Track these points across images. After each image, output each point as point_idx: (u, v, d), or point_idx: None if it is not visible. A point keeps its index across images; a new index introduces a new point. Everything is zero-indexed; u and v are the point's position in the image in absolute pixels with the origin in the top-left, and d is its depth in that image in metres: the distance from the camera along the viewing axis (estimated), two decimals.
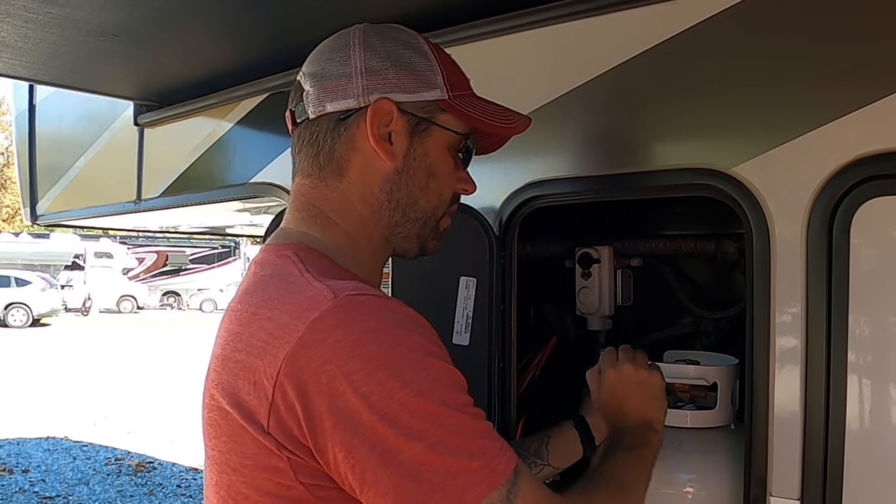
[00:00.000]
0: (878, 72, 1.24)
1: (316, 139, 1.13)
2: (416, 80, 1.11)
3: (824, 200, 1.28)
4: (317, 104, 1.12)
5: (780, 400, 1.32)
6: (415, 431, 0.89)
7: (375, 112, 1.09)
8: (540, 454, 1.49)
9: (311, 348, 0.91)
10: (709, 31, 1.39)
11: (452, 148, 1.16)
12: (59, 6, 1.82)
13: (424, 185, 1.14)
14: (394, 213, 1.13)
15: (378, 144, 1.09)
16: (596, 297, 1.89)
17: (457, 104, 1.14)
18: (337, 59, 1.12)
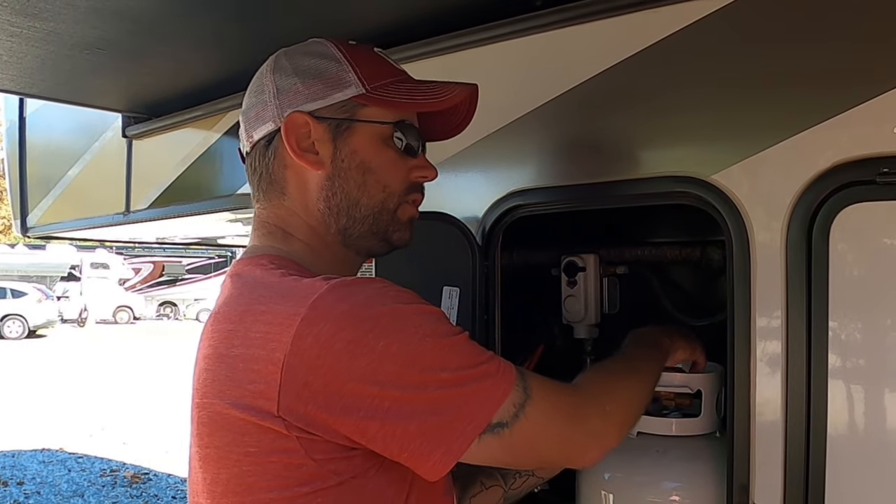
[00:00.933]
0: (855, 78, 1.24)
1: (255, 168, 1.18)
2: (326, 85, 1.13)
3: (803, 207, 1.28)
4: (247, 136, 1.18)
5: (762, 407, 1.32)
6: (434, 377, 0.97)
7: (288, 127, 1.12)
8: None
9: (317, 324, 0.95)
10: (686, 40, 1.40)
11: (387, 139, 1.16)
12: (43, 20, 1.82)
13: (361, 183, 1.15)
14: (339, 217, 1.15)
15: (300, 157, 1.13)
16: (582, 306, 1.89)
17: (376, 95, 1.14)
18: (255, 90, 1.18)
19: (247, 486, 1.00)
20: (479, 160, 1.70)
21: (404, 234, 1.21)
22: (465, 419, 0.97)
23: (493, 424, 0.98)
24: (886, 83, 1.20)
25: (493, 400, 0.99)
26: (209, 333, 1.08)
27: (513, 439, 1.00)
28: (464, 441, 0.98)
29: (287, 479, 0.98)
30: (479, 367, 1.00)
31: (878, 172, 1.20)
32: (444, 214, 1.66)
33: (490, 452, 1.00)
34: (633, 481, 1.58)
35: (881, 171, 1.20)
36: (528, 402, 1.01)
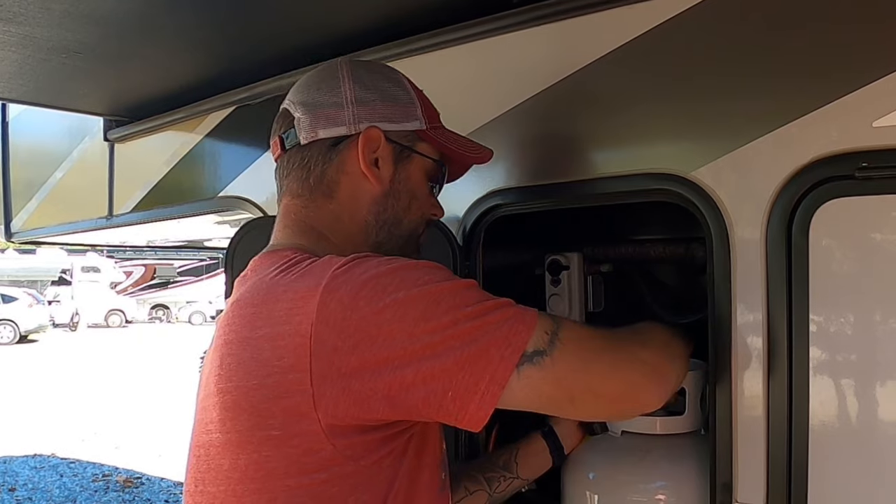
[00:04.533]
0: (832, 74, 1.24)
1: (307, 163, 1.21)
2: (400, 112, 1.22)
3: (783, 202, 1.28)
4: (309, 131, 1.20)
5: (743, 404, 1.32)
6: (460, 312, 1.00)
7: (367, 139, 1.18)
8: (509, 467, 1.51)
9: (339, 290, 0.98)
10: (664, 36, 1.39)
11: (429, 174, 1.27)
12: (18, 24, 1.80)
13: (407, 207, 1.24)
14: (380, 231, 1.22)
15: (368, 169, 1.18)
16: (566, 304, 1.88)
17: (433, 135, 1.25)
18: (327, 89, 1.21)
19: (266, 472, 1.01)
20: None
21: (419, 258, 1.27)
22: (500, 344, 0.99)
23: (530, 353, 1.00)
24: (864, 77, 1.20)
25: (525, 323, 1.01)
26: (230, 319, 1.09)
27: (556, 368, 1.02)
28: (505, 367, 0.98)
29: (305, 465, 0.99)
30: (498, 301, 1.04)
31: (856, 167, 1.20)
32: None
33: (537, 387, 1.01)
34: (618, 481, 1.57)
35: (860, 166, 1.20)
36: (561, 329, 1.04)
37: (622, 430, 1.61)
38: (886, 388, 1.21)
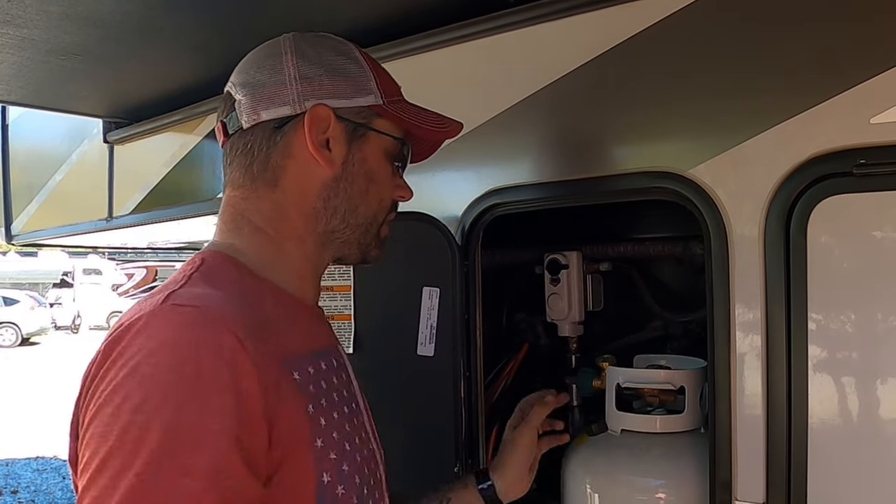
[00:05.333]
0: (830, 70, 1.24)
1: (250, 149, 1.10)
2: (351, 86, 1.11)
3: (780, 200, 1.28)
4: (250, 113, 1.09)
5: (743, 402, 1.32)
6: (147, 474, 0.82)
7: (313, 118, 1.07)
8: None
9: (108, 351, 0.91)
10: (661, 35, 1.39)
11: (390, 154, 1.16)
12: (16, 27, 1.80)
13: (364, 191, 1.13)
14: (331, 219, 1.12)
15: (317, 151, 1.08)
16: (565, 303, 1.88)
17: (392, 109, 1.13)
18: (269, 67, 1.10)
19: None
20: (457, 159, 1.69)
21: (380, 252, 1.20)
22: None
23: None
24: (861, 74, 1.20)
25: None
26: None
27: None
28: None
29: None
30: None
31: (854, 164, 1.20)
32: (422, 214, 1.65)
33: None
34: (618, 479, 1.58)
35: (858, 162, 1.20)
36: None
37: (622, 429, 1.61)
38: (885, 386, 1.21)
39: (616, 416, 1.63)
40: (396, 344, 1.68)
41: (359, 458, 1.05)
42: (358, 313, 1.69)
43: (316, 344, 1.09)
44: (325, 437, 0.98)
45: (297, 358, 1.01)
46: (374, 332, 1.70)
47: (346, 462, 1.01)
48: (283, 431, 0.92)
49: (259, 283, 1.06)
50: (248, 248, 1.09)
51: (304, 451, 0.95)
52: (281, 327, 1.01)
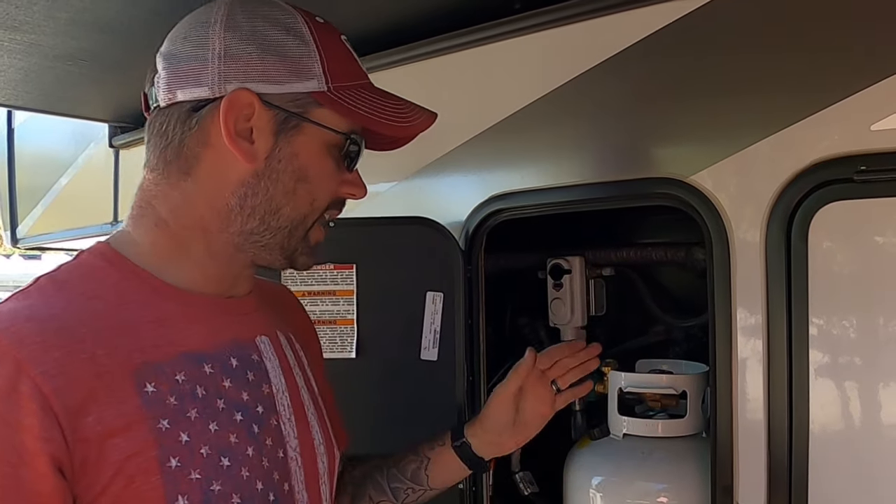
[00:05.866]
0: (831, 77, 1.24)
1: (165, 130, 0.97)
2: (287, 68, 0.95)
3: (782, 206, 1.28)
4: (167, 91, 0.95)
5: (744, 407, 1.32)
6: None
7: (231, 104, 0.93)
8: (418, 479, 1.34)
9: None
10: (665, 41, 1.40)
11: (332, 148, 1.00)
12: (23, 33, 1.82)
13: (291, 191, 0.98)
14: (248, 220, 0.98)
15: (233, 142, 0.94)
16: (568, 308, 1.89)
17: (337, 97, 0.97)
18: (194, 38, 0.96)
19: None
20: (461, 164, 1.70)
21: (309, 259, 1.06)
22: None
23: None
24: (862, 81, 1.20)
25: None
26: None
27: None
28: None
29: None
30: None
31: (855, 171, 1.20)
32: (426, 219, 1.66)
33: None
34: (620, 483, 1.59)
35: (858, 169, 1.20)
36: None
37: (624, 433, 1.62)
38: (886, 391, 1.22)
39: (618, 420, 1.64)
40: (400, 348, 1.68)
41: (246, 472, 0.93)
42: (361, 318, 1.70)
43: (210, 343, 0.96)
44: (184, 455, 0.88)
45: (161, 365, 0.90)
46: (378, 337, 1.70)
47: (220, 480, 0.90)
48: (110, 457, 0.83)
49: (139, 282, 0.95)
50: (143, 241, 0.98)
51: (149, 474, 0.85)
52: (145, 333, 0.91)
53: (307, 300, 1.71)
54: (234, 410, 0.95)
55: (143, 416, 0.86)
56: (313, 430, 1.07)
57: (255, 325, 1.06)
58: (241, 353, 1.00)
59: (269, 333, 1.07)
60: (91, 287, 0.93)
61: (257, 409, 0.98)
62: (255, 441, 0.96)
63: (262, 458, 0.96)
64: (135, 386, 0.86)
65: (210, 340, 0.97)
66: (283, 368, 1.06)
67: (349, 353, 1.70)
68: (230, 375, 0.96)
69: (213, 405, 0.93)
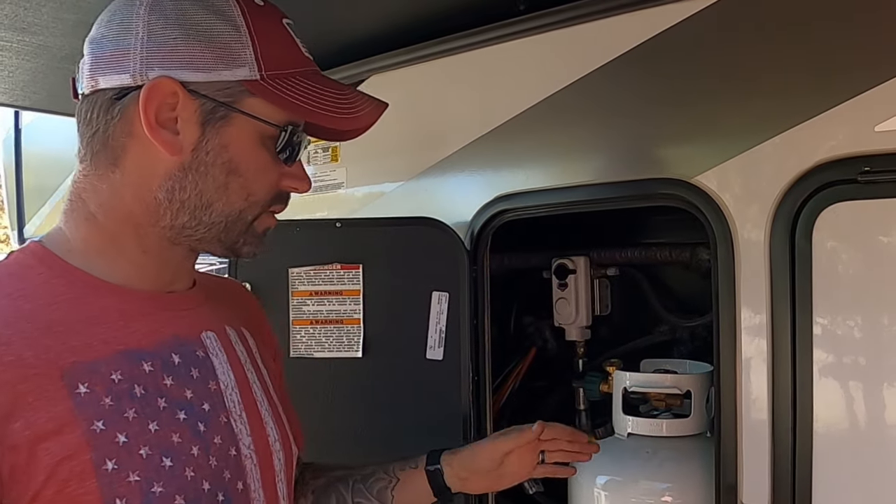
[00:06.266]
0: (835, 78, 1.25)
1: (90, 119, 0.92)
2: (214, 55, 0.90)
3: (786, 207, 1.29)
4: (89, 77, 0.91)
5: (748, 406, 1.33)
6: None
7: (151, 93, 0.88)
8: (383, 497, 1.31)
9: None
10: (670, 43, 1.40)
11: (267, 140, 0.95)
12: (32, 34, 1.83)
13: (223, 185, 0.93)
14: (178, 215, 0.93)
15: (155, 133, 0.89)
16: (573, 308, 1.90)
17: (271, 86, 0.92)
18: (118, 21, 0.90)
19: None
20: (466, 165, 1.71)
21: (255, 246, 1.01)
22: None
23: None
24: (867, 82, 1.21)
25: None
26: None
27: None
28: None
29: None
30: None
31: (859, 172, 1.21)
32: (431, 219, 1.67)
33: None
34: (624, 482, 1.59)
35: (862, 170, 1.21)
36: None
37: (628, 433, 1.63)
38: (890, 391, 1.22)
39: (623, 419, 1.65)
40: (405, 348, 1.69)
41: (191, 472, 0.89)
42: (367, 317, 1.71)
43: (149, 340, 0.92)
44: (121, 456, 0.83)
45: (95, 364, 0.86)
46: (384, 337, 1.71)
47: (162, 482, 0.86)
48: (41, 462, 0.80)
49: (71, 280, 0.91)
50: (75, 237, 0.94)
51: (83, 478, 0.81)
52: (77, 332, 0.87)
53: (314, 300, 1.72)
54: (176, 409, 0.90)
55: (75, 418, 0.82)
56: (267, 427, 1.03)
57: (200, 321, 1.01)
58: (184, 350, 0.95)
59: (215, 328, 1.02)
60: (19, 287, 0.89)
61: (203, 407, 0.94)
62: (200, 440, 0.91)
63: (209, 457, 0.91)
64: (66, 387, 0.82)
65: (149, 337, 0.92)
66: (232, 364, 1.01)
67: (355, 353, 1.71)
68: (172, 373, 0.92)
69: (153, 404, 0.88)
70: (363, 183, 1.94)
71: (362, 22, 1.75)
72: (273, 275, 1.71)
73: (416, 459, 1.34)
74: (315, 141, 1.97)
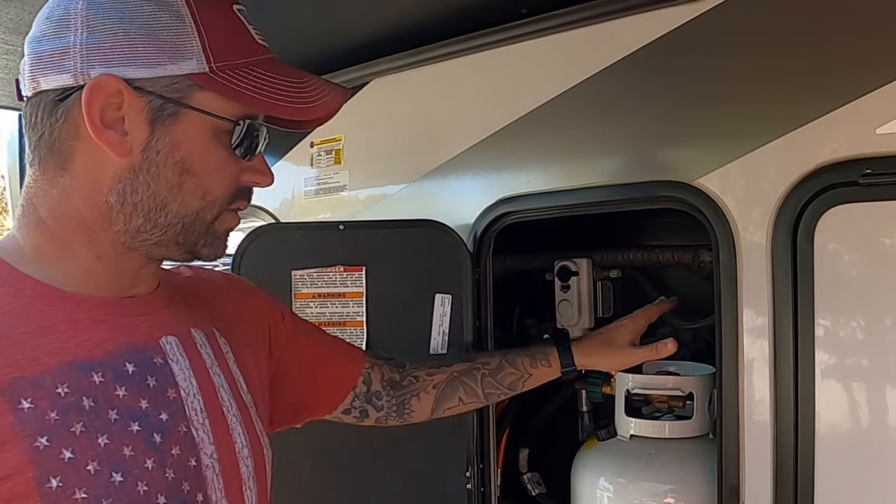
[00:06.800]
0: (836, 81, 1.25)
1: (34, 123, 0.88)
2: (158, 49, 0.85)
3: (788, 209, 1.29)
4: (30, 78, 0.87)
5: (751, 408, 1.33)
6: None
7: (94, 93, 0.84)
8: (514, 388, 1.49)
9: None
10: (671, 46, 1.41)
11: (222, 135, 0.90)
12: None
13: (176, 185, 0.89)
14: (131, 218, 0.89)
15: (100, 135, 0.85)
16: (575, 310, 1.90)
17: (221, 79, 0.87)
18: (56, 17, 0.86)
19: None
20: (469, 167, 1.71)
21: (217, 249, 0.97)
22: None
23: None
24: (868, 85, 1.21)
25: None
26: None
27: None
28: None
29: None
30: None
31: (860, 174, 1.21)
32: (434, 222, 1.67)
33: None
34: (627, 484, 1.59)
35: (864, 172, 1.21)
36: None
37: (631, 434, 1.63)
38: (892, 393, 1.22)
39: (625, 421, 1.65)
40: (409, 350, 1.69)
41: (144, 486, 0.86)
42: (370, 320, 1.71)
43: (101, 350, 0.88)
44: (66, 473, 0.80)
45: (39, 379, 0.82)
46: (387, 339, 1.72)
47: (111, 498, 0.82)
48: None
49: (19, 288, 0.87)
50: (26, 243, 0.91)
51: (25, 497, 0.78)
52: (21, 345, 0.83)
53: (317, 302, 1.73)
54: (129, 420, 0.87)
55: (15, 435, 0.78)
56: (234, 433, 0.99)
57: (160, 325, 0.96)
58: (140, 357, 0.91)
59: (177, 332, 0.97)
60: None
61: (160, 417, 0.90)
62: (155, 452, 0.88)
63: (164, 470, 0.88)
64: (8, 403, 0.79)
65: (101, 346, 0.88)
66: (196, 369, 0.97)
67: None
68: (125, 383, 0.88)
69: (103, 417, 0.85)
70: (366, 185, 1.94)
71: (364, 25, 1.75)
72: (276, 277, 1.71)
73: (544, 356, 1.50)
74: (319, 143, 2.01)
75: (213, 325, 1.06)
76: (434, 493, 1.71)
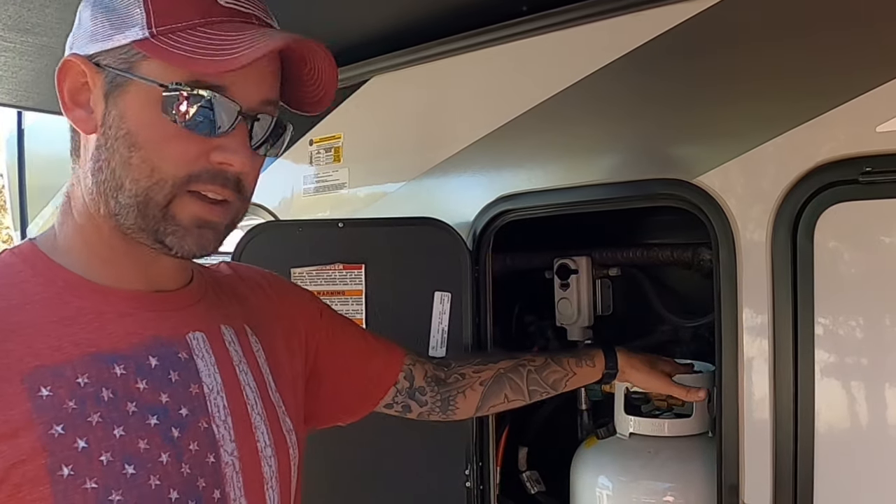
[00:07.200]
0: (836, 79, 1.25)
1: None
2: (112, 21, 0.85)
3: (788, 207, 1.29)
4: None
5: (750, 406, 1.33)
6: None
7: (61, 74, 0.87)
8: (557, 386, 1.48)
9: None
10: (671, 43, 1.41)
11: (170, 105, 0.84)
12: (35, 35, 1.84)
13: (127, 161, 0.85)
14: (107, 200, 0.87)
15: (70, 113, 0.88)
16: (574, 308, 1.90)
17: (162, 43, 0.83)
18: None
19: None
20: (469, 165, 1.71)
21: (184, 240, 0.89)
22: None
23: None
24: (867, 83, 1.21)
25: None
26: None
27: None
28: None
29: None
30: None
31: (860, 172, 1.21)
32: (434, 220, 1.67)
33: None
34: (626, 482, 1.59)
35: (864, 170, 1.21)
36: None
37: (630, 432, 1.63)
38: (891, 391, 1.22)
39: (625, 419, 1.65)
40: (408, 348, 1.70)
41: (156, 480, 0.85)
42: (370, 318, 1.71)
43: (126, 342, 0.88)
44: (79, 462, 0.80)
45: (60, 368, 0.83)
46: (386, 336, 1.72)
47: (121, 490, 0.82)
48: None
49: (50, 279, 0.89)
50: (60, 235, 0.93)
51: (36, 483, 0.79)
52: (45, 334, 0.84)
53: None
54: (147, 414, 0.87)
55: (32, 421, 0.79)
56: (258, 432, 0.98)
57: (188, 321, 0.96)
58: (164, 352, 0.91)
59: (206, 328, 0.97)
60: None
61: (180, 412, 0.90)
62: (172, 446, 0.87)
63: (180, 465, 0.87)
64: (27, 391, 0.80)
65: (126, 340, 0.88)
66: (221, 366, 0.96)
67: None
68: (147, 376, 0.88)
69: (121, 408, 0.85)
70: (366, 183, 1.94)
71: (365, 23, 1.75)
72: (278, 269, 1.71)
73: (589, 357, 1.51)
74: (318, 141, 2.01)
75: (246, 323, 1.05)
76: (433, 491, 1.71)
